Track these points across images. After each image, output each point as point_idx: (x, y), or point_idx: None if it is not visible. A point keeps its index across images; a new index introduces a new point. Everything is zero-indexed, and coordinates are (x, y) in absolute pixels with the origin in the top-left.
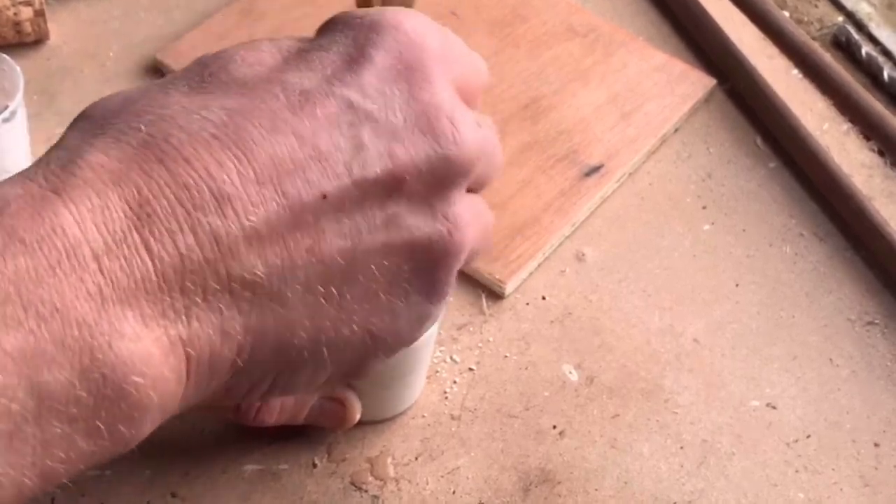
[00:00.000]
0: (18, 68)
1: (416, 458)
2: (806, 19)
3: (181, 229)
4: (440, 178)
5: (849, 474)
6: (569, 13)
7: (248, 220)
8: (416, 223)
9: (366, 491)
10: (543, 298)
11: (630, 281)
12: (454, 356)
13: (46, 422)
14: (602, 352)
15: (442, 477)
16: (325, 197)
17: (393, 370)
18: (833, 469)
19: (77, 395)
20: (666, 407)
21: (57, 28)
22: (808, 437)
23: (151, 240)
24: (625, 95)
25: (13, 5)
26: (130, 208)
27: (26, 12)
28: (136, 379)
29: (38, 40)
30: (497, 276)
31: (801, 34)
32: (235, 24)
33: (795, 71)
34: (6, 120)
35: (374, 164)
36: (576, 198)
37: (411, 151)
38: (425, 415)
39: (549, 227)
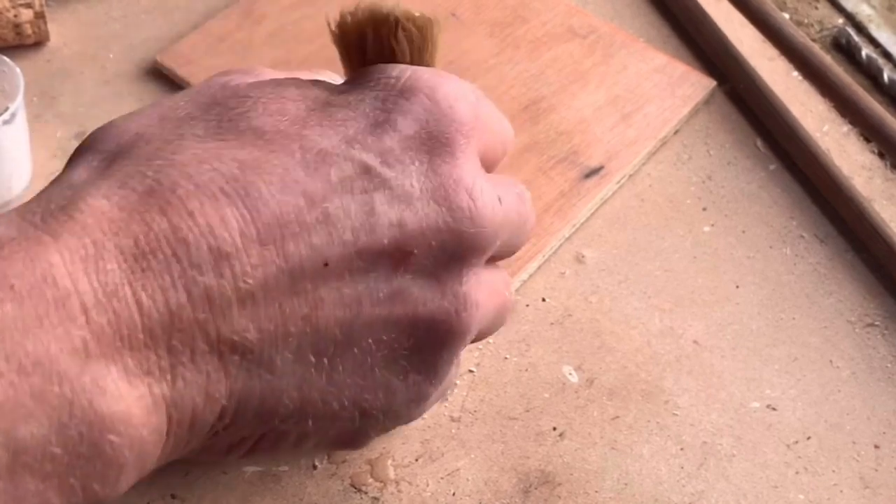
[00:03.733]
0: (18, 70)
1: (416, 460)
2: (806, 21)
3: (174, 286)
4: (451, 254)
5: (849, 476)
6: (569, 14)
7: (244, 282)
8: (422, 298)
9: (366, 493)
10: (543, 300)
11: (630, 282)
12: None
13: (20, 477)
14: (602, 353)
15: (442, 479)
16: (326, 265)
17: None
18: (833, 471)
19: (52, 452)
20: (666, 408)
21: (57, 30)
22: (809, 438)
23: (143, 295)
24: (625, 97)
25: (13, 7)
26: (125, 260)
27: (26, 14)
28: (113, 438)
29: (39, 42)
30: None
31: (801, 36)
32: (236, 26)
33: (796, 73)
34: (6, 122)
35: (383, 234)
36: (576, 199)
37: (423, 224)
38: (425, 417)
39: (548, 229)
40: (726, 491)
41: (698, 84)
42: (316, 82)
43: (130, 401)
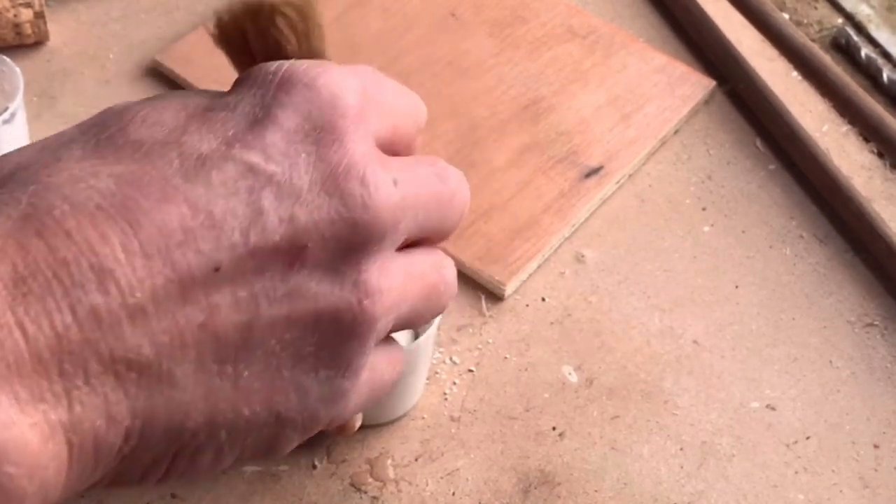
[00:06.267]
0: (18, 70)
1: (416, 460)
2: (805, 21)
3: (58, 308)
4: (347, 244)
5: (848, 475)
6: (569, 15)
7: (132, 296)
8: (322, 292)
9: (365, 492)
10: (543, 300)
11: (630, 282)
12: (454, 357)
13: None
14: (602, 353)
15: (441, 478)
16: (217, 269)
17: None
18: (833, 470)
19: None
20: (666, 408)
21: (57, 30)
22: (808, 438)
23: (27, 320)
24: (625, 97)
25: (13, 7)
26: (6, 287)
27: (26, 14)
28: (9, 469)
29: (38, 42)
30: (497, 278)
31: (800, 36)
32: None
33: (795, 73)
34: (6, 122)
35: (274, 231)
36: (575, 199)
37: (315, 216)
38: (425, 416)
39: (548, 229)
40: (726, 491)
41: (698, 84)
42: (201, 91)
43: (25, 429)
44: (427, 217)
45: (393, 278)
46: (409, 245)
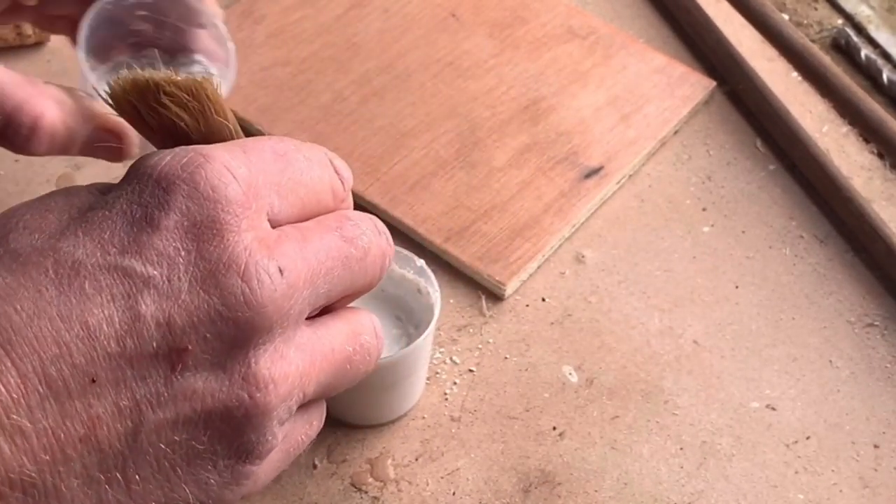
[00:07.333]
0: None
1: (417, 460)
2: (805, 22)
3: None
4: (232, 342)
5: (848, 476)
6: (569, 15)
7: (8, 417)
8: (209, 391)
9: (366, 492)
10: (543, 300)
11: (630, 282)
12: (454, 357)
13: None
14: (602, 353)
15: (442, 478)
16: (94, 381)
17: (391, 374)
18: (833, 470)
19: None
20: (666, 408)
21: None
22: (808, 438)
23: None
24: (624, 97)
25: None
26: None
27: None
28: None
29: (39, 42)
30: (497, 278)
31: (800, 37)
32: (236, 27)
33: (795, 73)
34: None
35: (151, 337)
36: (575, 199)
37: (194, 318)
38: (425, 416)
39: (548, 229)
40: (726, 491)
41: (698, 84)
42: (91, 186)
43: None
44: (334, 284)
45: (290, 363)
46: (327, 309)
